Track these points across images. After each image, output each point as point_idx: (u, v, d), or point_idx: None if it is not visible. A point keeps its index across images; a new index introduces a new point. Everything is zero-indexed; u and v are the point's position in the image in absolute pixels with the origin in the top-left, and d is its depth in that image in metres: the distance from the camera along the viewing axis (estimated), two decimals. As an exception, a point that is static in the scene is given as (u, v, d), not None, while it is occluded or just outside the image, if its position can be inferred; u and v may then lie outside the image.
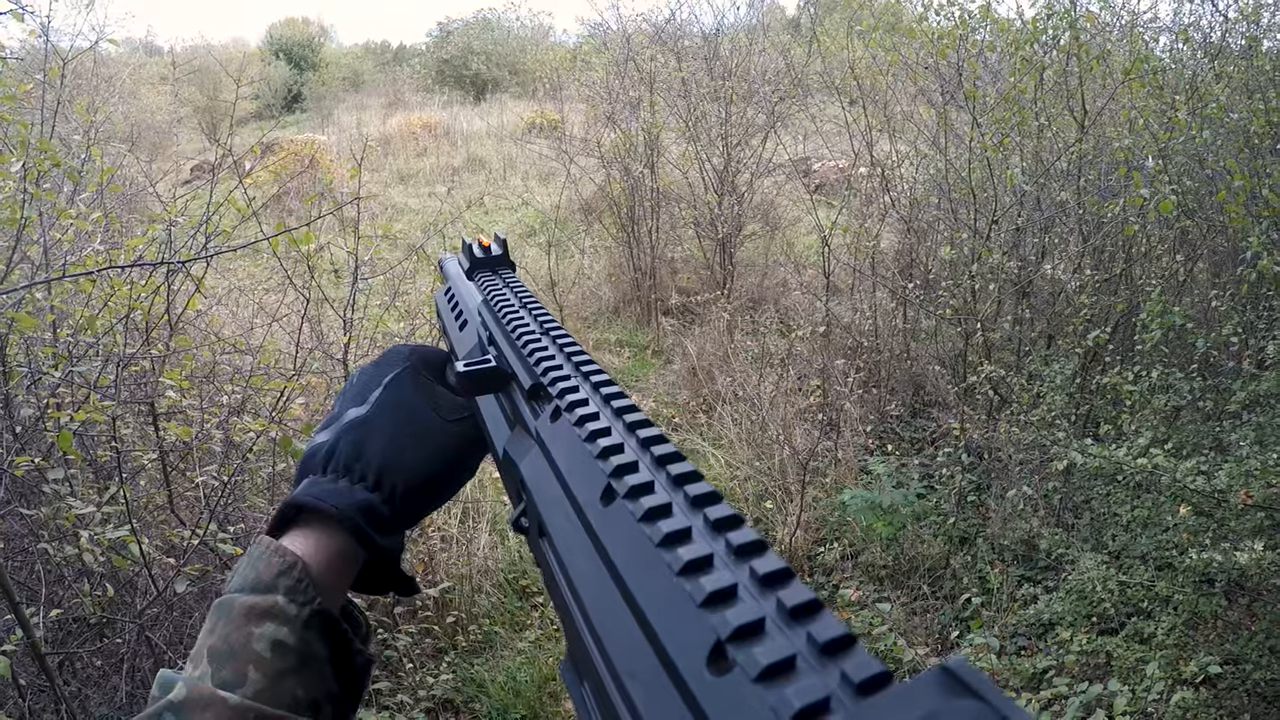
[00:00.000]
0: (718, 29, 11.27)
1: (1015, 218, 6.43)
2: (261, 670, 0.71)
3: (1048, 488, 5.37)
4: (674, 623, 0.43)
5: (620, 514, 0.52)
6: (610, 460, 0.56)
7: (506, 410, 0.83)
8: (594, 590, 0.53)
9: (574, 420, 0.63)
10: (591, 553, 0.54)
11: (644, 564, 0.48)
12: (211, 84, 22.64)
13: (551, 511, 0.62)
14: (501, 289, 0.97)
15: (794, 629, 0.39)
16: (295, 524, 0.84)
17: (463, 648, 5.20)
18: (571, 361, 0.73)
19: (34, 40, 4.21)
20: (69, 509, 3.33)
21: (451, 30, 31.69)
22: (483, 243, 1.09)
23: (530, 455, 0.70)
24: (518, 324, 0.85)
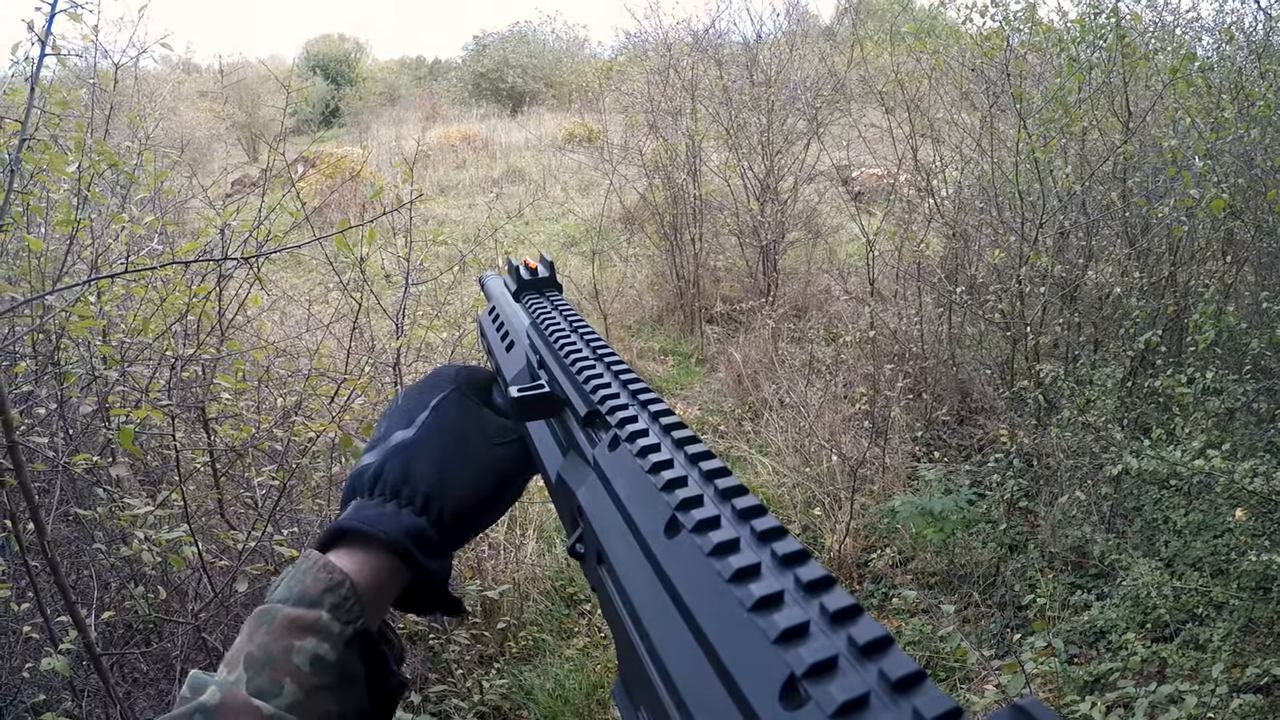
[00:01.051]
0: (758, 36, 11.29)
1: (1061, 221, 6.40)
2: (298, 683, 0.72)
3: (1099, 494, 5.33)
4: (746, 657, 0.44)
5: (686, 547, 0.52)
6: (675, 493, 0.55)
7: (558, 435, 0.83)
8: (658, 621, 0.53)
9: (635, 451, 0.63)
10: (655, 583, 0.54)
11: (713, 598, 0.48)
12: (250, 99, 22.84)
13: (611, 540, 0.62)
14: (550, 312, 0.97)
15: (865, 665, 0.40)
16: (341, 544, 0.84)
17: (512, 654, 5.21)
18: (628, 389, 0.73)
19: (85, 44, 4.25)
20: (126, 509, 3.36)
21: (487, 44, 31.91)
22: (529, 264, 1.09)
23: (588, 483, 0.70)
24: (570, 349, 0.84)
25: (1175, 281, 5.99)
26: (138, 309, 4.26)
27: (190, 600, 3.85)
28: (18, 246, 3.77)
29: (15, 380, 3.63)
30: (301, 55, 33.99)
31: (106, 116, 4.76)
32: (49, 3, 2.91)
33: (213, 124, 20.61)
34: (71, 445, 3.52)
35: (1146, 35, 6.65)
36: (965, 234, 7.74)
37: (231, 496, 4.54)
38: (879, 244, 7.79)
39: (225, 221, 4.25)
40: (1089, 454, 5.38)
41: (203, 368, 4.20)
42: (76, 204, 3.74)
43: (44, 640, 3.14)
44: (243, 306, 4.61)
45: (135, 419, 3.36)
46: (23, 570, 3.05)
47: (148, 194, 4.86)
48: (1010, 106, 6.53)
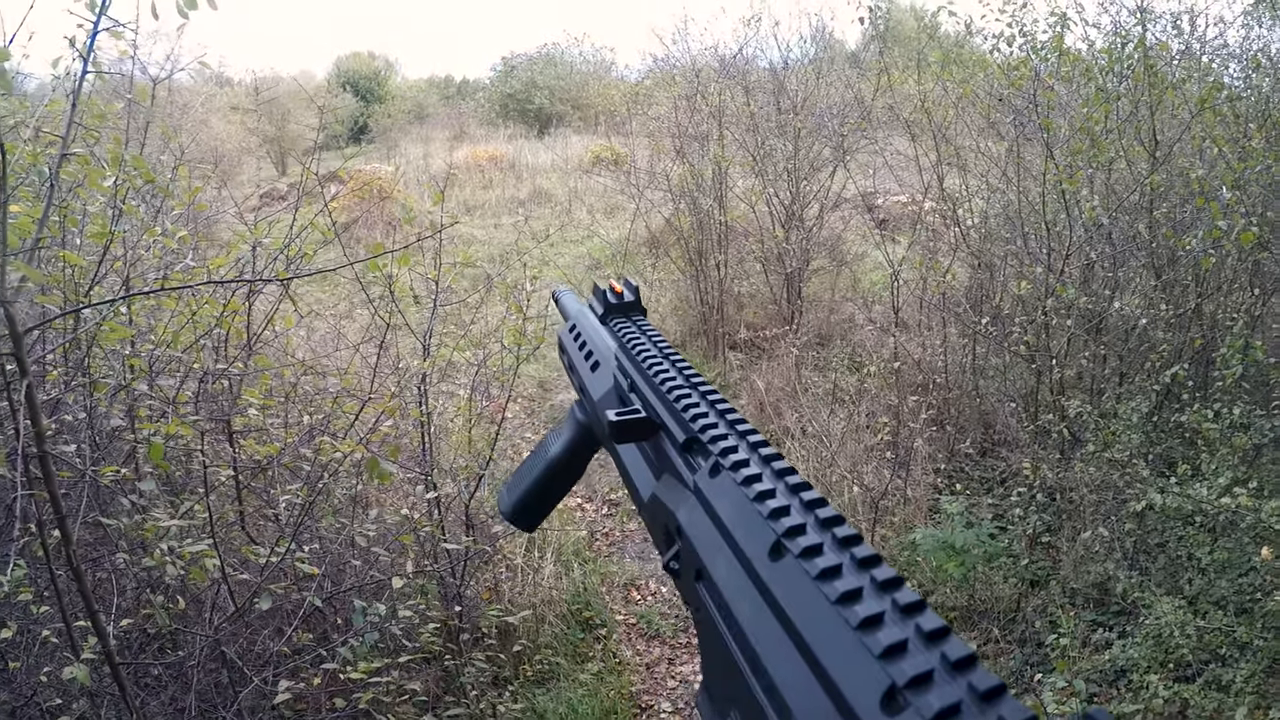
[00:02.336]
0: (785, 63, 11.29)
1: (1087, 252, 6.36)
2: None
3: (1122, 530, 5.28)
4: (851, 670, 0.48)
5: (791, 571, 0.56)
6: (781, 521, 0.59)
7: (650, 457, 0.86)
8: (762, 635, 0.56)
9: (739, 480, 0.66)
10: (759, 601, 0.58)
11: (820, 617, 0.52)
12: (280, 114, 23.02)
13: (714, 560, 0.65)
14: (639, 337, 1.00)
15: (956, 679, 0.44)
16: None
17: (526, 677, 5.21)
18: (725, 418, 0.76)
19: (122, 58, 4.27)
20: (154, 521, 3.37)
21: (515, 65, 32.12)
22: (615, 288, 1.12)
23: (687, 505, 0.72)
24: (664, 375, 0.87)
25: (1202, 314, 5.95)
26: (168, 321, 4.29)
27: (208, 611, 3.85)
28: (50, 257, 3.79)
29: (45, 387, 3.65)
30: (332, 72, 34.22)
31: (143, 130, 4.79)
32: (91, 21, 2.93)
33: (243, 137, 20.80)
34: (98, 454, 3.53)
35: (1173, 64, 6.62)
36: (990, 264, 7.71)
37: (252, 510, 4.55)
38: (904, 273, 7.77)
39: (257, 239, 4.27)
40: (1113, 489, 5.33)
41: (230, 382, 4.21)
42: (112, 217, 3.77)
43: (63, 645, 3.15)
44: (271, 322, 4.63)
45: (164, 433, 3.37)
46: (45, 576, 3.06)
47: (181, 208, 4.89)
48: (1037, 136, 6.51)
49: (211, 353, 4.19)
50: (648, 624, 5.93)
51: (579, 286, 11.78)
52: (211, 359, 4.08)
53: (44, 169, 3.20)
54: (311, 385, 5.28)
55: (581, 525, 6.84)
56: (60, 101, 3.12)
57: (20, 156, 3.42)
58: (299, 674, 3.92)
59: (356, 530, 4.21)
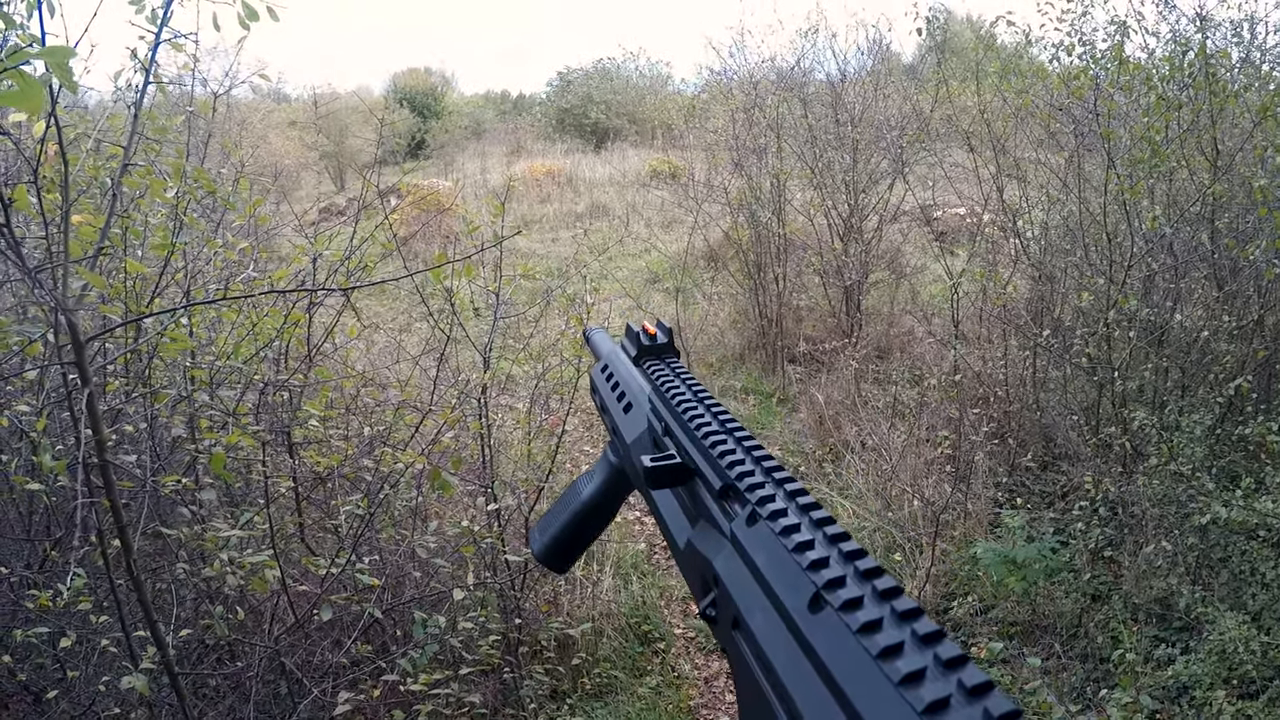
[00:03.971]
0: (842, 75, 11.27)
1: (1148, 263, 6.31)
2: None
3: (1185, 544, 5.22)
4: None
5: (832, 623, 0.55)
6: (820, 573, 0.59)
7: (685, 503, 0.85)
8: (802, 688, 0.56)
9: (777, 530, 0.65)
10: (798, 653, 0.57)
11: (861, 673, 0.51)
12: (338, 130, 23.21)
13: (751, 609, 0.65)
14: (673, 380, 0.99)
15: None
16: None
17: (585, 691, 5.21)
18: (761, 465, 0.75)
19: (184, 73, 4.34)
20: (215, 531, 3.41)
21: (571, 80, 32.22)
22: (648, 329, 1.11)
23: (724, 553, 0.72)
24: (700, 421, 0.86)
25: (1264, 326, 5.88)
26: (228, 333, 4.34)
27: (267, 622, 3.89)
28: (113, 268, 3.85)
29: (105, 398, 3.70)
30: (389, 88, 34.46)
31: (205, 143, 4.86)
32: (153, 33, 2.98)
33: (301, 153, 21.02)
34: (158, 464, 3.58)
35: (1234, 72, 6.55)
36: (1051, 276, 7.65)
37: (312, 522, 4.59)
38: (963, 285, 7.73)
39: (318, 251, 4.32)
40: (1175, 503, 5.27)
41: (290, 393, 4.26)
42: (174, 229, 3.82)
43: (122, 655, 3.19)
44: (331, 334, 4.67)
45: (226, 443, 3.42)
46: (104, 585, 3.10)
47: (241, 221, 4.96)
48: (1097, 146, 6.47)
49: (272, 364, 4.24)
50: (706, 638, 5.91)
51: (638, 300, 11.82)
52: (272, 370, 4.12)
53: (106, 181, 3.26)
54: (371, 397, 5.32)
55: (640, 539, 6.84)
56: (121, 115, 3.18)
57: (82, 169, 3.48)
58: (358, 685, 3.94)
59: (417, 542, 4.23)
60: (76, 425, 2.65)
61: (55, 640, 3.14)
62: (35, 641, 3.19)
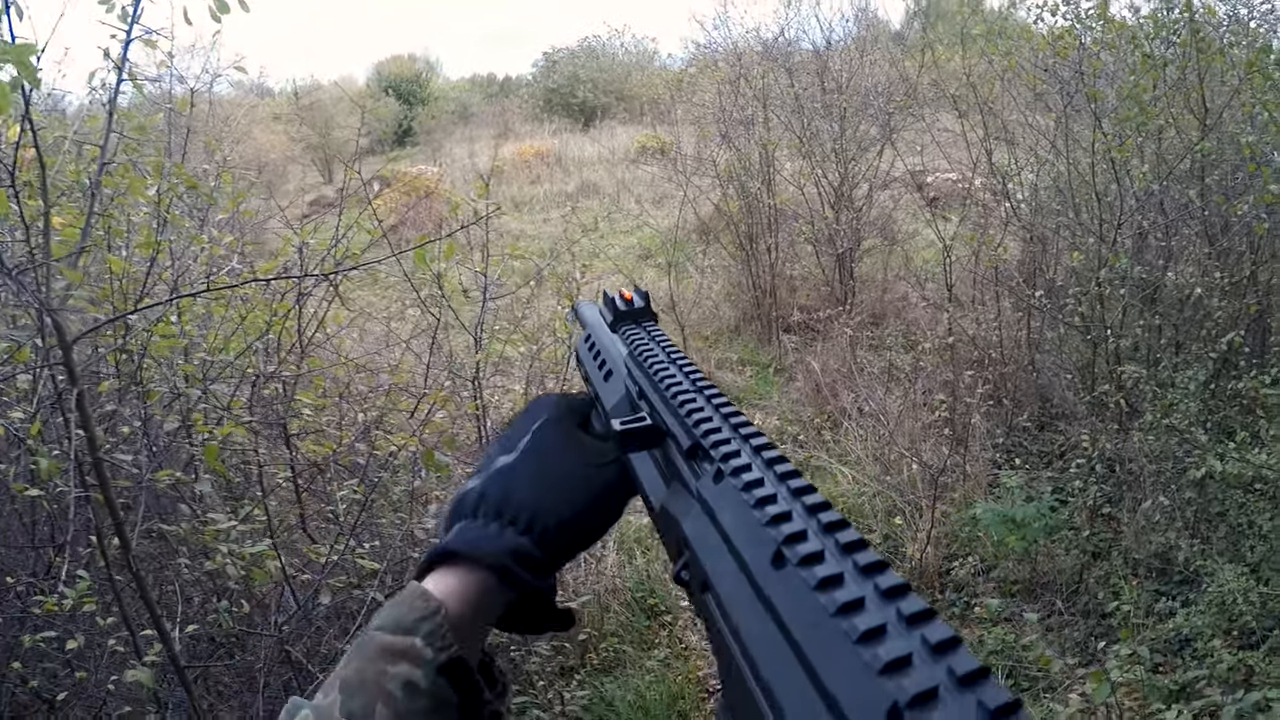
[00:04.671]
0: (828, 43, 11.25)
1: (1139, 221, 6.31)
2: (391, 707, 0.72)
3: (1182, 499, 5.24)
4: (852, 688, 0.45)
5: (792, 580, 0.54)
6: (781, 528, 0.57)
7: (661, 465, 0.84)
8: (765, 648, 0.54)
9: (739, 485, 0.64)
10: (762, 614, 0.55)
11: (820, 630, 0.49)
12: (323, 121, 23.12)
13: (717, 571, 0.64)
14: (648, 343, 0.98)
15: (964, 694, 0.42)
16: (443, 566, 0.85)
17: (593, 665, 5.22)
18: (729, 422, 0.75)
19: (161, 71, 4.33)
20: (211, 523, 3.42)
21: (557, 60, 32.06)
22: (624, 295, 1.10)
23: (692, 514, 0.71)
24: (670, 381, 0.86)
25: (1257, 281, 5.89)
26: (218, 328, 4.33)
27: (273, 613, 3.90)
28: (100, 269, 3.84)
29: (99, 399, 3.70)
30: (373, 76, 34.28)
31: (184, 140, 4.85)
32: (124, 30, 2.98)
33: (287, 146, 20.93)
34: (155, 462, 3.58)
35: (1221, 29, 6.53)
36: (1043, 237, 7.66)
37: (313, 511, 4.60)
38: (955, 249, 7.74)
39: (304, 240, 4.31)
40: (1172, 458, 5.29)
41: (284, 385, 4.26)
42: (156, 226, 3.81)
43: (129, 653, 3.19)
44: (322, 324, 4.67)
45: (219, 436, 3.42)
46: (108, 584, 3.11)
47: (226, 215, 4.94)
48: (1084, 106, 6.46)
49: (264, 356, 4.23)
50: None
51: (630, 276, 11.79)
52: (263, 363, 4.12)
53: (87, 182, 3.25)
54: (364, 384, 5.31)
55: (643, 513, 6.84)
56: (100, 117, 3.18)
57: (63, 173, 3.47)
58: (365, 672, 3.93)
59: (416, 525, 4.23)
60: (68, 426, 2.65)
61: (64, 644, 3.14)
62: (44, 647, 3.19)
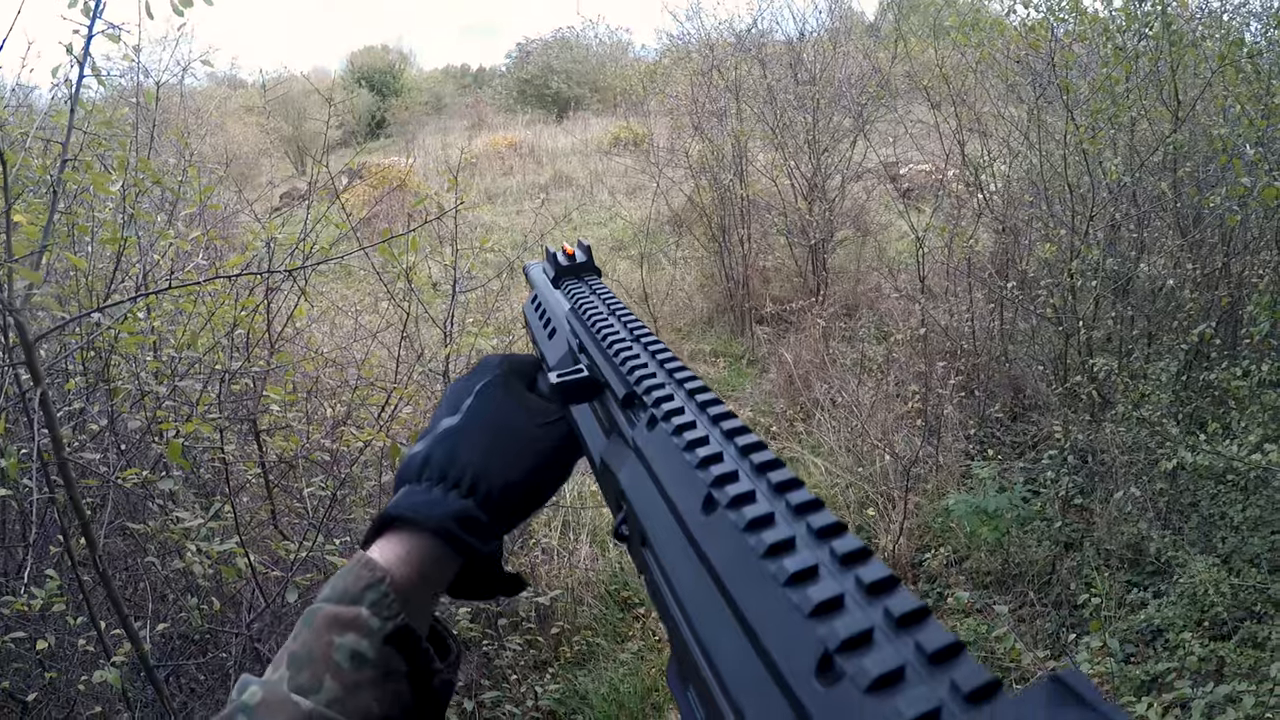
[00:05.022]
0: (800, 34, 11.26)
1: (1112, 213, 6.33)
2: (338, 679, 0.71)
3: (1154, 490, 5.26)
4: (781, 633, 0.43)
5: (722, 524, 0.52)
6: (710, 470, 0.56)
7: (601, 419, 0.83)
8: (698, 599, 0.53)
9: (671, 429, 0.63)
10: (695, 562, 0.54)
11: (748, 574, 0.48)
12: (296, 113, 23.01)
13: (652, 521, 0.62)
14: (589, 296, 0.98)
15: (902, 637, 0.39)
16: (389, 531, 0.84)
17: (566, 659, 5.22)
18: (665, 369, 0.73)
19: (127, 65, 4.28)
20: (177, 521, 3.38)
21: (530, 51, 32.04)
22: (566, 250, 1.10)
23: (628, 464, 0.70)
24: (608, 331, 0.85)
25: (1229, 272, 5.91)
26: (186, 324, 4.29)
27: (245, 610, 3.88)
28: (66, 266, 3.80)
29: (67, 397, 3.66)
30: (345, 67, 34.18)
31: (150, 134, 4.80)
32: (86, 25, 2.94)
33: (259, 138, 20.79)
34: (123, 460, 3.55)
35: (1193, 22, 6.55)
36: (1015, 229, 7.67)
37: (284, 507, 4.57)
38: (928, 241, 7.75)
39: (271, 235, 4.27)
40: (1144, 449, 5.31)
41: (253, 380, 4.22)
42: (122, 222, 3.77)
43: (99, 653, 3.16)
44: (291, 319, 4.63)
45: (184, 433, 3.39)
46: (76, 584, 3.08)
47: (193, 210, 4.90)
48: (1057, 98, 6.47)
49: (231, 352, 4.19)
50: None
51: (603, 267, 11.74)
52: (229, 359, 4.08)
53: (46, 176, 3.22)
54: (333, 378, 5.28)
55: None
56: (64, 113, 3.14)
57: (30, 169, 3.43)
58: (335, 667, 3.91)
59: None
60: (33, 426, 2.62)
61: (35, 644, 3.11)
62: (15, 648, 3.16)
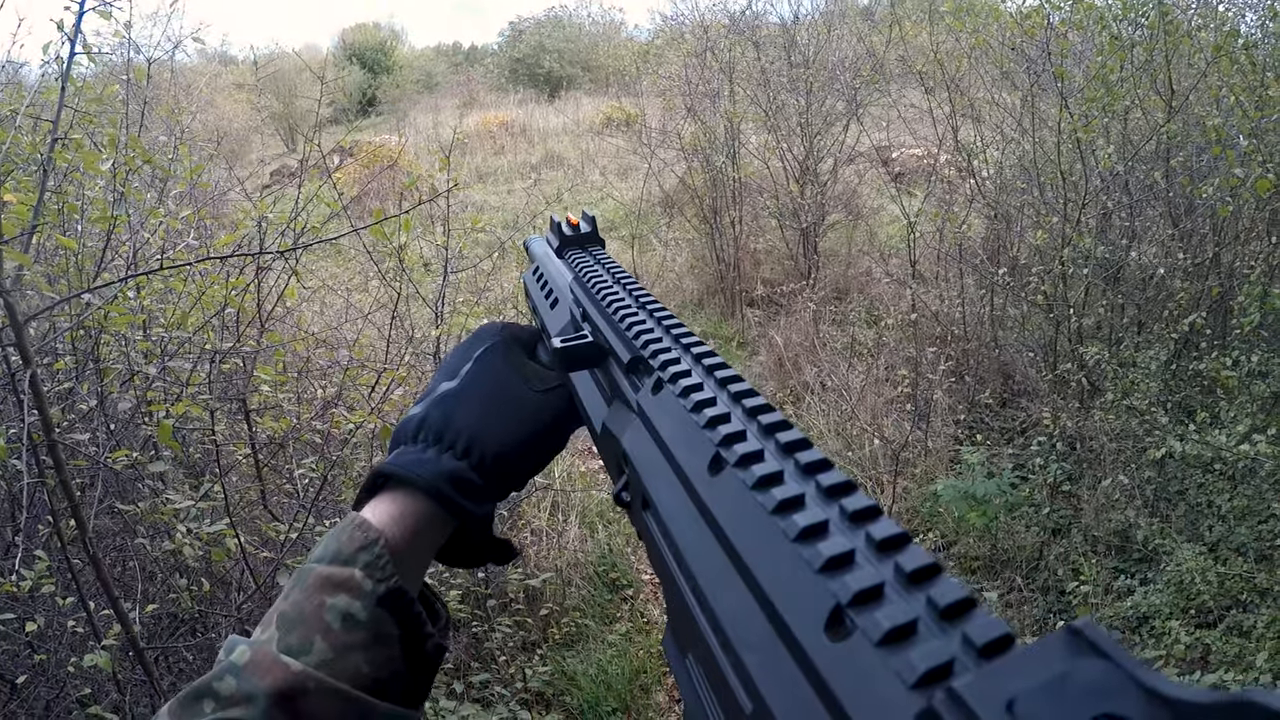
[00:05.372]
0: (795, 17, 11.23)
1: (1104, 201, 6.34)
2: (329, 640, 0.71)
3: (1142, 477, 5.28)
4: (790, 589, 0.43)
5: (730, 482, 0.52)
6: (718, 429, 0.55)
7: (603, 385, 0.83)
8: (703, 560, 0.52)
9: (678, 391, 0.63)
10: (699, 522, 0.54)
11: (757, 531, 0.47)
12: (287, 90, 22.90)
13: (656, 483, 0.62)
14: (593, 265, 0.97)
15: (913, 593, 0.39)
16: (383, 491, 0.84)
17: (555, 640, 5.22)
18: (670, 334, 0.73)
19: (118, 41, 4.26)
20: (167, 503, 3.38)
21: (523, 29, 31.94)
22: (571, 220, 1.09)
23: (631, 428, 0.70)
24: (612, 298, 0.85)
25: (1220, 263, 5.92)
26: (177, 303, 4.27)
27: (236, 591, 3.87)
28: (56, 245, 3.78)
29: (56, 377, 3.65)
30: (337, 44, 34.04)
31: (142, 111, 4.77)
32: (77, 1, 2.93)
33: (250, 115, 20.67)
34: (113, 441, 3.54)
35: (1189, 12, 6.55)
36: (1007, 215, 7.67)
37: (274, 488, 4.56)
38: (920, 225, 7.75)
39: (262, 214, 4.26)
40: (1132, 437, 5.33)
41: (244, 360, 4.21)
42: (112, 201, 3.75)
43: (89, 635, 3.16)
44: (281, 299, 4.62)
45: (175, 413, 3.38)
46: (65, 566, 3.07)
47: (184, 188, 4.88)
48: (1051, 86, 6.48)
49: (221, 332, 4.17)
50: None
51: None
52: (220, 339, 4.06)
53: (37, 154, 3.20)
54: (324, 358, 5.27)
55: (604, 487, 6.85)
56: (54, 90, 3.12)
57: (20, 147, 3.41)
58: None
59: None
60: (22, 407, 2.61)
61: (25, 626, 3.11)
62: (4, 629, 3.15)
